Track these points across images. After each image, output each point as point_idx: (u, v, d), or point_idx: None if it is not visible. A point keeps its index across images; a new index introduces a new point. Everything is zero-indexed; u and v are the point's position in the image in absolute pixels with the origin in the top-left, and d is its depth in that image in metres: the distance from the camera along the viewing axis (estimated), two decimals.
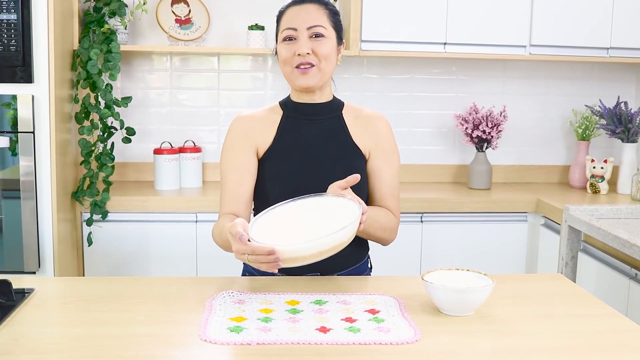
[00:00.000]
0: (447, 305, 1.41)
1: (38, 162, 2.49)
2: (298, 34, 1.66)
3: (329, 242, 1.36)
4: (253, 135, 1.73)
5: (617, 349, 1.28)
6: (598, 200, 2.99)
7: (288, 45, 1.67)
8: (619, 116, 3.12)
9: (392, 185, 1.75)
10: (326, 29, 1.67)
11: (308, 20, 1.66)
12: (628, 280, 2.21)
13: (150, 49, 3.05)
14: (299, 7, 1.68)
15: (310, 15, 1.66)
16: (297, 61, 1.66)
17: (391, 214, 1.74)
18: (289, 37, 1.67)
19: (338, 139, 1.73)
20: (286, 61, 1.68)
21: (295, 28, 1.66)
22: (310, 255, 1.36)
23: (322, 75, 1.68)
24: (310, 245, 1.36)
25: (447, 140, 3.40)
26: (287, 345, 1.25)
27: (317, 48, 1.66)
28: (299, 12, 1.67)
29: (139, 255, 2.82)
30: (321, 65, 1.67)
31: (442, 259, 2.93)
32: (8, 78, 2.44)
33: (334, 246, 1.38)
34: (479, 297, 1.40)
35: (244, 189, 1.71)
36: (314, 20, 1.66)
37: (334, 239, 1.36)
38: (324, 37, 1.66)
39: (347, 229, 1.38)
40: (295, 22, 1.66)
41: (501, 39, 3.04)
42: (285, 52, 1.67)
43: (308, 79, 1.67)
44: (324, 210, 1.49)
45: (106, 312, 1.42)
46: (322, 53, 1.66)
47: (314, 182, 1.67)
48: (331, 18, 1.70)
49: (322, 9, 1.69)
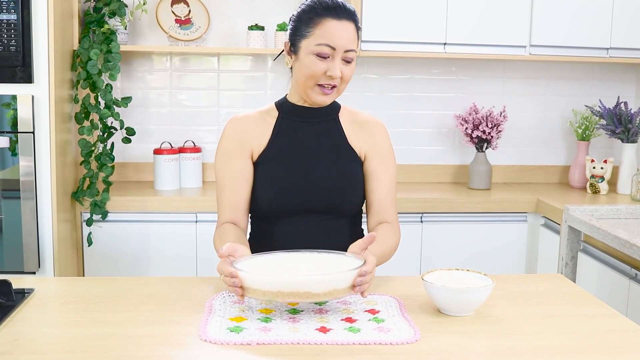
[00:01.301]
0: (447, 305, 1.41)
1: (38, 162, 2.49)
2: (335, 53, 1.61)
3: (291, 285, 1.30)
4: (247, 138, 1.71)
5: (617, 349, 1.28)
6: (598, 201, 2.99)
7: (320, 61, 1.61)
8: (618, 116, 3.12)
9: (390, 189, 1.74)
10: (356, 52, 1.65)
11: (347, 42, 1.61)
12: (628, 280, 2.21)
13: (150, 49, 3.05)
14: (338, 22, 1.61)
15: (348, 36, 1.61)
16: (324, 81, 1.63)
17: (392, 233, 1.68)
18: (324, 54, 1.61)
19: (334, 142, 1.73)
20: (313, 76, 1.62)
21: (333, 47, 1.60)
22: (269, 292, 1.32)
23: (338, 95, 1.68)
24: (272, 279, 1.31)
25: (447, 140, 3.40)
26: (287, 345, 1.25)
27: (345, 72, 1.63)
28: (338, 29, 1.60)
29: (139, 256, 2.82)
30: (341, 87, 1.66)
31: (442, 259, 2.93)
32: (8, 78, 2.44)
33: (299, 292, 1.31)
34: (479, 297, 1.40)
35: (240, 195, 1.70)
36: (351, 44, 1.62)
37: (296, 283, 1.30)
38: (353, 60, 1.64)
39: (315, 279, 1.31)
40: (335, 42, 1.60)
41: (501, 39, 3.05)
42: (316, 68, 1.61)
43: (326, 99, 1.66)
44: (330, 266, 1.43)
45: (106, 312, 1.42)
46: (346, 77, 1.64)
47: (309, 185, 1.67)
48: (358, 38, 1.67)
49: (355, 29, 1.64)
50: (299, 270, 1.39)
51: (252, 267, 1.40)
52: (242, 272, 1.35)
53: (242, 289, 1.35)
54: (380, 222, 1.71)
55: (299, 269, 1.41)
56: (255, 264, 1.43)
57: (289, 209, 1.68)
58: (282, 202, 1.67)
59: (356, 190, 1.72)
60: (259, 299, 1.35)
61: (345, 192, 1.70)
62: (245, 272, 1.35)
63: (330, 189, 1.68)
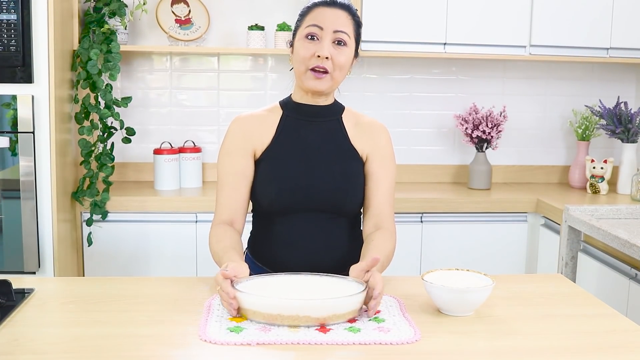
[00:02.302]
0: (447, 305, 1.41)
1: (38, 162, 2.49)
2: (323, 34, 1.63)
3: (291, 309, 1.31)
4: (251, 137, 1.72)
5: (617, 349, 1.28)
6: (598, 201, 2.99)
7: (309, 44, 1.63)
8: (618, 116, 3.12)
9: (389, 192, 1.74)
10: (350, 37, 1.65)
11: (336, 24, 1.63)
12: (628, 280, 2.21)
13: (150, 49, 3.05)
14: (329, 9, 1.65)
15: (338, 20, 1.64)
16: (314, 63, 1.63)
17: (389, 241, 1.67)
18: (312, 34, 1.63)
19: (336, 141, 1.73)
20: (303, 60, 1.64)
21: (321, 27, 1.62)
22: (269, 315, 1.32)
23: (333, 84, 1.67)
24: (272, 303, 1.32)
25: (447, 140, 3.40)
26: (287, 345, 1.25)
27: (336, 56, 1.63)
28: (327, 12, 1.64)
29: (139, 255, 2.82)
30: (335, 73, 1.65)
31: (442, 259, 2.93)
32: (8, 78, 2.44)
33: (299, 316, 1.31)
34: (478, 297, 1.40)
35: (240, 193, 1.70)
36: (342, 25, 1.64)
37: (296, 307, 1.31)
38: (346, 45, 1.64)
39: (316, 304, 1.32)
40: (323, 22, 1.63)
41: (501, 39, 3.04)
42: (304, 51, 1.63)
43: (319, 84, 1.65)
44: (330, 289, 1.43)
45: (106, 312, 1.42)
46: (339, 62, 1.64)
47: (311, 183, 1.67)
48: (355, 29, 1.68)
49: (350, 17, 1.66)
50: (300, 294, 1.39)
51: (253, 289, 1.40)
52: (243, 294, 1.36)
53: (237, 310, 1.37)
54: (377, 225, 1.70)
55: (299, 292, 1.42)
56: (256, 286, 1.43)
57: (290, 207, 1.68)
58: (283, 200, 1.68)
59: (357, 190, 1.72)
60: (259, 321, 1.35)
61: (347, 192, 1.70)
62: (247, 294, 1.36)
63: (332, 188, 1.68)
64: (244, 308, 1.36)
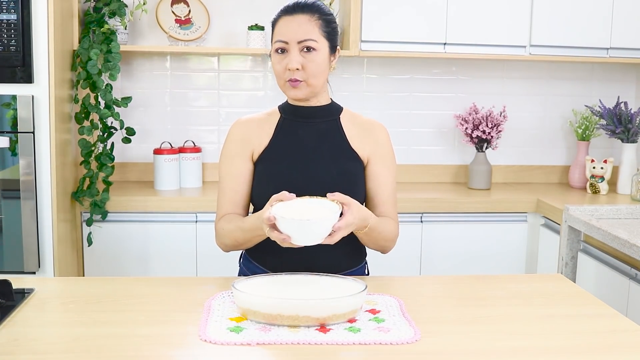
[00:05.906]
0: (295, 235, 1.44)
1: (38, 162, 2.49)
2: (289, 47, 1.64)
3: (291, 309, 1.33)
4: (250, 140, 1.74)
5: (617, 349, 1.28)
6: (598, 201, 2.99)
7: (280, 57, 1.66)
8: (618, 116, 3.12)
9: (392, 191, 1.75)
10: (317, 41, 1.64)
11: (299, 34, 1.63)
12: (628, 280, 2.21)
13: (150, 49, 3.05)
14: (290, 17, 1.65)
15: (300, 28, 1.64)
16: (288, 76, 1.65)
17: (393, 223, 1.72)
18: (280, 49, 1.66)
19: (334, 142, 1.73)
20: (279, 74, 1.68)
21: (286, 41, 1.64)
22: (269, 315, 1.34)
23: (312, 89, 1.68)
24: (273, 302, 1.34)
25: (447, 140, 3.40)
26: (287, 345, 1.25)
27: (307, 64, 1.64)
28: (290, 23, 1.65)
29: (139, 255, 2.82)
30: (310, 81, 1.66)
31: (442, 259, 2.93)
32: (8, 78, 2.44)
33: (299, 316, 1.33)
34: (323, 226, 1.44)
35: (239, 195, 1.73)
36: (305, 34, 1.63)
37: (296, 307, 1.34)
38: (315, 50, 1.64)
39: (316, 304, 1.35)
40: (286, 35, 1.64)
41: (501, 39, 3.04)
42: (277, 66, 1.67)
43: (298, 93, 1.67)
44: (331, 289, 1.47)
45: (106, 312, 1.42)
46: (311, 70, 1.64)
47: (309, 183, 1.67)
48: (323, 28, 1.67)
49: (314, 19, 1.65)
50: (300, 294, 1.41)
51: (253, 289, 1.42)
52: (242, 294, 1.37)
53: (283, 235, 1.44)
54: None
55: (299, 292, 1.43)
56: (256, 286, 1.44)
57: None
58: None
59: (355, 190, 1.71)
60: (259, 321, 1.35)
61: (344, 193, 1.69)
62: (247, 294, 1.37)
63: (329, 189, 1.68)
64: (243, 308, 1.37)
